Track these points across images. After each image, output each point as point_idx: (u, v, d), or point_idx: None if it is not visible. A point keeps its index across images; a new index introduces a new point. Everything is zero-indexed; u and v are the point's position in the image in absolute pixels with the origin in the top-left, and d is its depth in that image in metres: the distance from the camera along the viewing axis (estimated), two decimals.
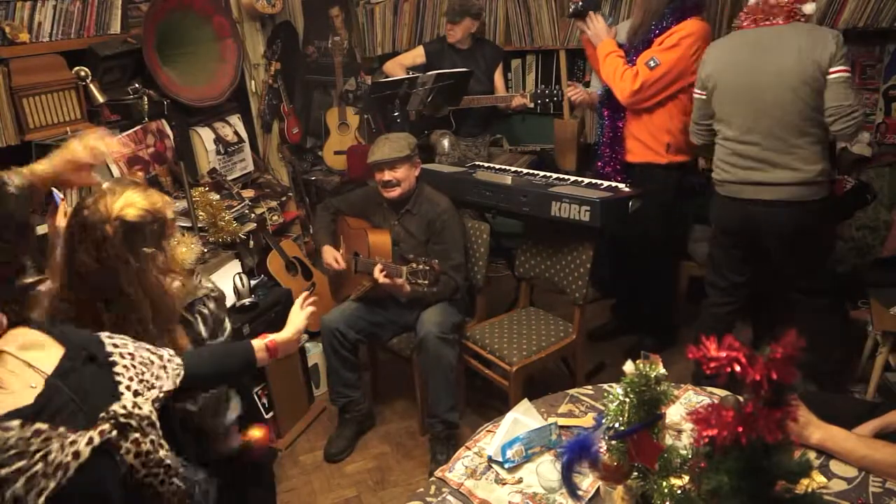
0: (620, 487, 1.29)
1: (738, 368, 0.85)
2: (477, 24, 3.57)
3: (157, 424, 1.17)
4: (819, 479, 1.41)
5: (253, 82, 3.48)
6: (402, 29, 4.01)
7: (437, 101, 3.33)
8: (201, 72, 3.01)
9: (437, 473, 1.57)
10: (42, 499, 1.00)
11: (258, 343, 1.57)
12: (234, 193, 3.05)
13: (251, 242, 3.08)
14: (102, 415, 1.12)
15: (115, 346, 1.24)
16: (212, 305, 1.71)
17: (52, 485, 1.01)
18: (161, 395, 1.22)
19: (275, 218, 3.26)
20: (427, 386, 2.63)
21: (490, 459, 1.58)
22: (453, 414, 2.62)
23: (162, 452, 1.16)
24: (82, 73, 2.45)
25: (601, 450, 1.27)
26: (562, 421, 1.68)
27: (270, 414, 2.79)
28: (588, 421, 1.68)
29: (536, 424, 1.62)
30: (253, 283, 2.85)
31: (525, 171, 3.10)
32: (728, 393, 1.71)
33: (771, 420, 0.85)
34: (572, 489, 1.26)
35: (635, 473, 1.24)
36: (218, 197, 2.89)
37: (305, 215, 3.68)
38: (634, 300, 3.30)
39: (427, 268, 2.39)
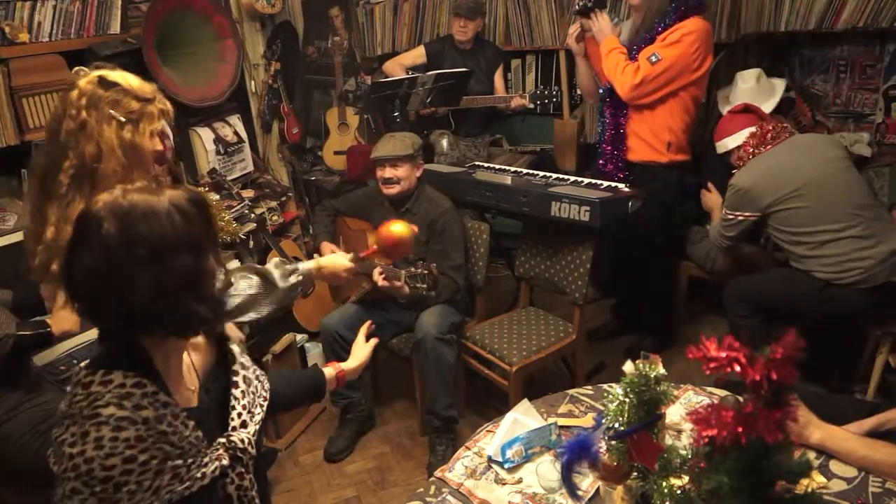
0: (620, 487, 1.29)
1: (737, 368, 0.85)
2: (482, 23, 3.59)
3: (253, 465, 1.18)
4: (819, 479, 1.41)
5: (253, 82, 3.48)
6: (402, 29, 4.01)
7: (436, 101, 3.33)
8: (201, 72, 3.01)
9: (437, 473, 1.57)
10: (167, 496, 1.01)
11: (329, 372, 1.59)
12: (233, 193, 3.05)
13: (251, 242, 3.08)
14: (223, 441, 1.13)
15: (243, 366, 1.25)
16: None
17: (180, 488, 1.03)
18: (258, 428, 1.22)
19: (275, 218, 3.26)
20: (426, 385, 2.64)
21: (490, 459, 1.58)
22: (452, 411, 2.62)
23: (254, 491, 1.17)
24: (82, 73, 2.45)
25: (601, 450, 1.27)
26: (562, 421, 1.68)
27: None
28: (588, 421, 1.68)
29: (536, 424, 1.62)
30: None
31: (525, 171, 3.10)
32: (728, 393, 1.71)
33: (771, 420, 0.85)
34: (572, 489, 1.26)
35: (635, 473, 1.24)
36: (218, 197, 2.89)
37: (305, 215, 3.68)
38: (634, 300, 3.30)
39: (425, 272, 2.39)
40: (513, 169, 3.12)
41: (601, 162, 3.04)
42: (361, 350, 1.72)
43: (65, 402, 1.01)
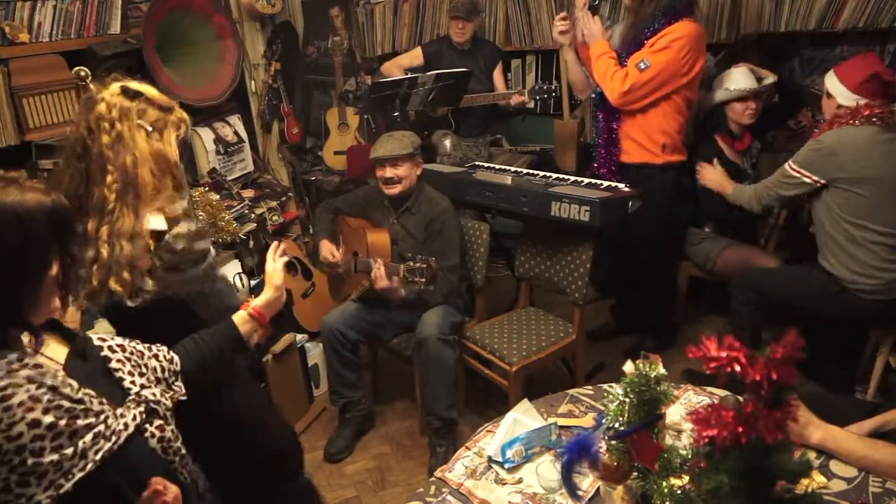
0: (620, 487, 1.29)
1: (737, 368, 0.85)
2: (480, 22, 3.60)
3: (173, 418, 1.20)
4: (819, 479, 1.41)
5: (253, 82, 3.48)
6: (402, 29, 4.01)
7: (437, 101, 3.33)
8: (201, 72, 3.01)
9: (437, 473, 1.58)
10: (99, 455, 1.02)
11: (240, 315, 1.49)
12: (234, 193, 3.05)
13: (251, 242, 3.08)
14: (133, 397, 1.13)
15: (102, 339, 1.22)
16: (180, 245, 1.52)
17: (108, 445, 1.03)
18: (175, 396, 1.24)
19: (275, 218, 3.26)
20: (426, 386, 2.64)
21: (490, 459, 1.58)
22: (452, 411, 2.62)
23: (179, 443, 1.19)
24: (82, 73, 2.45)
25: (601, 450, 1.27)
26: (562, 421, 1.68)
27: None
28: (588, 421, 1.68)
29: (536, 424, 1.62)
30: (253, 283, 2.85)
31: (525, 171, 3.10)
32: (728, 393, 1.71)
33: (771, 420, 0.85)
34: (572, 489, 1.26)
35: (635, 473, 1.24)
36: (218, 197, 2.89)
37: (305, 215, 3.68)
38: (634, 300, 3.30)
39: (423, 266, 2.39)
40: (513, 169, 3.12)
41: (595, 165, 3.04)
42: (272, 275, 1.59)
43: None
